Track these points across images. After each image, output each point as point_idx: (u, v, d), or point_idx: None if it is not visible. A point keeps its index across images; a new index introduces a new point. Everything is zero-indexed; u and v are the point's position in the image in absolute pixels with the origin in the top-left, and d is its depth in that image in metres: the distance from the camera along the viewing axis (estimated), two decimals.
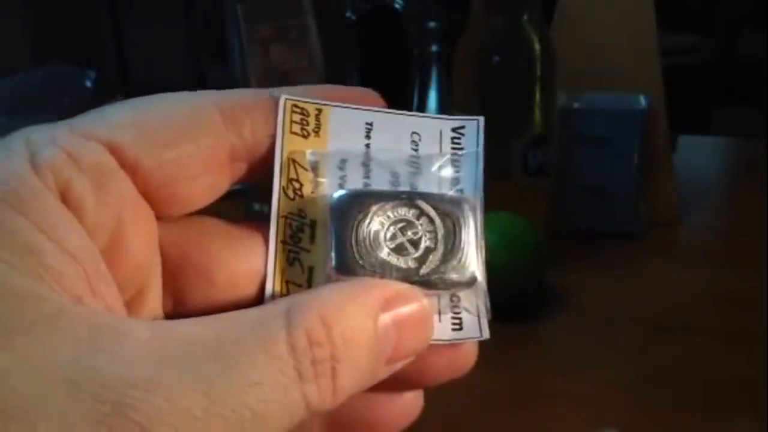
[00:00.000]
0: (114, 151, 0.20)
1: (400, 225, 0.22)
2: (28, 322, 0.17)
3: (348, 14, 0.81)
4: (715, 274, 0.68)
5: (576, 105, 0.75)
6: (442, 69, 0.76)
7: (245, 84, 0.73)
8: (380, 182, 0.22)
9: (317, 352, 0.18)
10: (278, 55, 0.73)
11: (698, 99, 2.12)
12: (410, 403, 0.23)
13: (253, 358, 0.18)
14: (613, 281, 0.67)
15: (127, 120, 0.21)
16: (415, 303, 0.21)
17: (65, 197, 0.19)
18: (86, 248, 0.19)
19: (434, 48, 0.76)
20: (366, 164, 0.23)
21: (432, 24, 0.75)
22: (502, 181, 0.68)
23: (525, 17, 0.67)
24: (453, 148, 0.23)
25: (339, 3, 0.82)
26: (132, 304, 0.21)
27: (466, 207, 0.22)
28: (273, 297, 0.22)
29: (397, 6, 0.78)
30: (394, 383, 0.21)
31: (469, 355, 0.22)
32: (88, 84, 1.15)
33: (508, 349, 0.55)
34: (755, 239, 0.73)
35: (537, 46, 0.67)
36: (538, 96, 0.68)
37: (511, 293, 0.59)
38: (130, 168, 0.20)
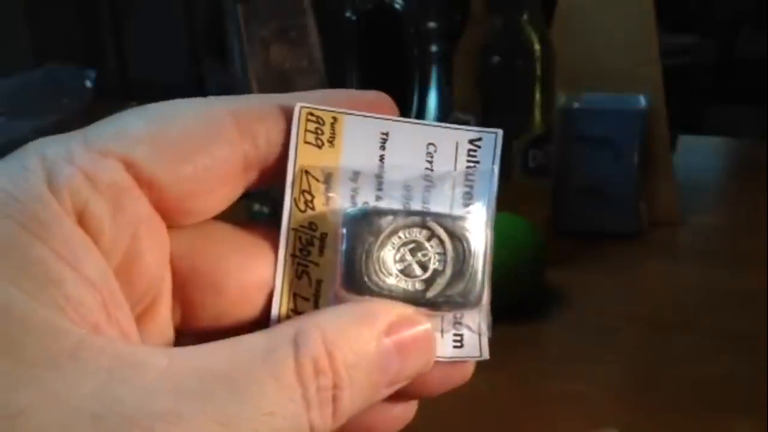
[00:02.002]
0: (130, 167, 0.20)
1: (410, 246, 0.22)
2: (50, 355, 0.17)
3: (348, 14, 0.81)
4: (715, 274, 0.68)
5: (576, 105, 0.75)
6: (442, 69, 0.76)
7: (245, 84, 0.73)
8: (393, 196, 0.22)
9: (321, 379, 0.19)
10: (278, 55, 0.73)
11: (698, 99, 2.12)
12: (404, 410, 0.23)
13: (264, 387, 0.18)
14: (613, 281, 0.67)
15: (143, 133, 0.20)
16: (418, 327, 0.21)
17: (82, 219, 0.19)
18: (103, 274, 0.19)
19: (434, 48, 0.76)
20: (379, 176, 0.22)
21: (432, 24, 0.75)
22: (502, 181, 0.68)
23: (525, 17, 0.67)
24: (468, 161, 0.23)
25: (339, 3, 0.82)
26: (143, 318, 0.21)
27: (477, 228, 0.22)
28: (280, 311, 0.22)
29: (397, 6, 0.78)
30: (392, 394, 0.21)
31: (466, 370, 0.23)
32: (88, 84, 1.15)
33: (508, 349, 0.55)
34: (755, 239, 0.73)
35: (537, 46, 0.67)
36: (538, 96, 0.68)
37: (511, 293, 0.59)
38: (146, 184, 0.20)
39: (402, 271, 0.22)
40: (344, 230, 0.22)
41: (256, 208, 0.71)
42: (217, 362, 0.18)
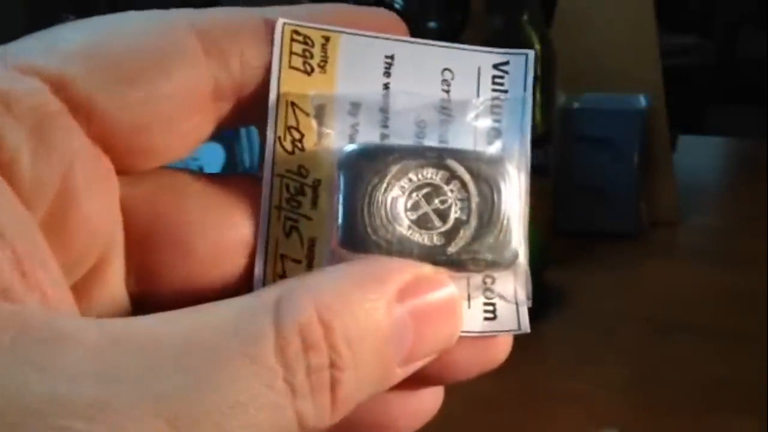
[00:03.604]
0: (60, 89, 0.15)
1: (424, 191, 0.17)
2: None
3: None
4: (715, 274, 0.68)
5: (576, 105, 0.75)
6: None
7: None
8: (402, 133, 0.18)
9: (313, 357, 0.14)
10: None
11: (698, 99, 2.12)
12: (428, 401, 0.19)
13: (233, 368, 0.13)
14: (613, 281, 0.67)
15: (78, 48, 0.16)
16: (439, 290, 0.16)
17: None
18: (18, 223, 0.15)
19: None
20: (384, 110, 0.18)
21: (432, 24, 0.75)
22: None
23: (525, 17, 0.67)
24: (494, 89, 0.18)
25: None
26: (86, 285, 0.17)
27: (509, 168, 0.18)
28: (264, 276, 0.18)
29: (397, 6, 0.78)
30: (410, 380, 0.17)
31: (501, 347, 0.19)
32: None
33: None
34: (755, 239, 0.73)
35: (537, 46, 0.67)
36: (538, 96, 0.68)
37: None
38: (81, 111, 0.16)
39: (415, 222, 0.17)
40: (340, 172, 0.17)
41: None
42: (170, 334, 0.14)
